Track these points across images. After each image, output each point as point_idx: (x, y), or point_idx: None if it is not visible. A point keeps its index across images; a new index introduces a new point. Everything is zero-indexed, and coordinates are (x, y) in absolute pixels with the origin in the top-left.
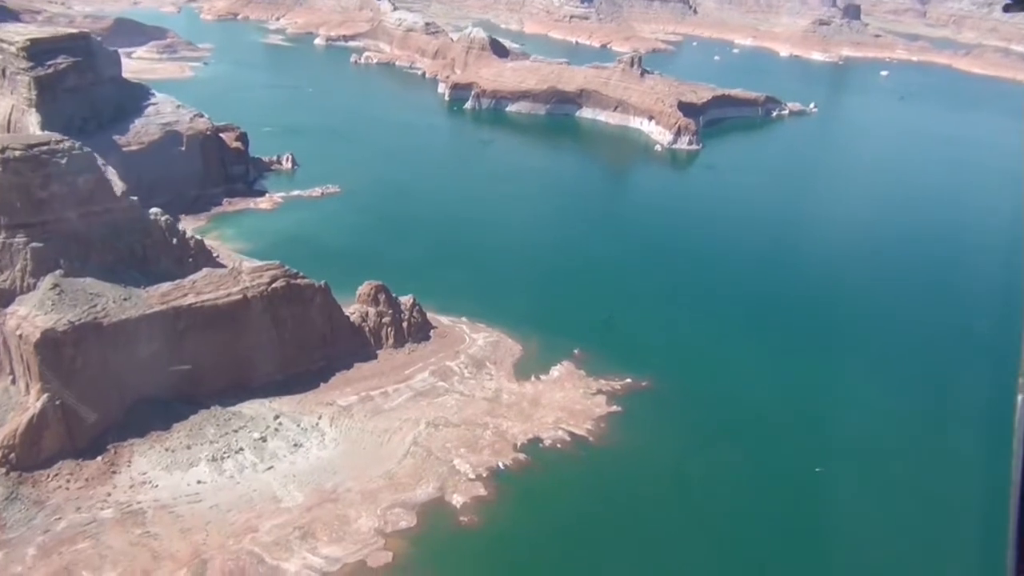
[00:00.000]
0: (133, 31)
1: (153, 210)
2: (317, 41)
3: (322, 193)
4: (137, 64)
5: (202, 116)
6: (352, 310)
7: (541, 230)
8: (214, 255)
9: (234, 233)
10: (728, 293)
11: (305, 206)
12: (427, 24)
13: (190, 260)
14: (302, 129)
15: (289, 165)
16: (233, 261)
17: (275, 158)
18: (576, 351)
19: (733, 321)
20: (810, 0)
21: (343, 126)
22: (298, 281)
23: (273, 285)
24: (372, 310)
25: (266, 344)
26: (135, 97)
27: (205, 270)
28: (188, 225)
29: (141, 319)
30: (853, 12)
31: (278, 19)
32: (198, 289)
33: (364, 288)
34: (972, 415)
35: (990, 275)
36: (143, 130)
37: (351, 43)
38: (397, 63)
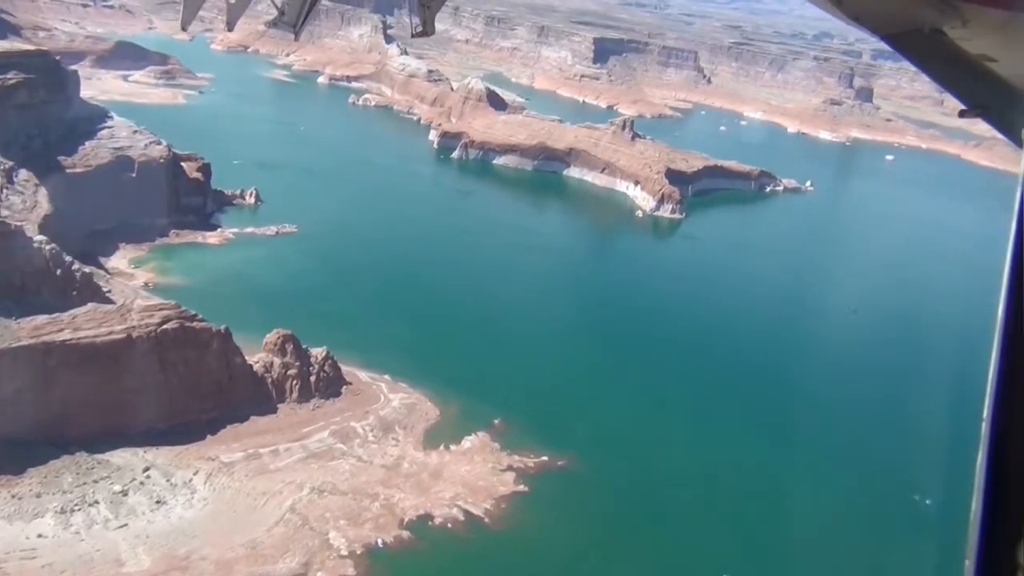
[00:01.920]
0: (134, 55)
1: (37, 238)
2: (320, 79)
3: (277, 232)
4: (131, 88)
5: (160, 143)
6: (256, 359)
7: (496, 288)
8: (105, 290)
9: (172, 266)
10: (681, 371)
11: (256, 244)
12: (430, 71)
13: (74, 293)
14: (278, 165)
15: (252, 200)
16: (126, 297)
17: (238, 192)
18: (497, 421)
19: (679, 401)
20: (827, 80)
21: (321, 166)
22: (193, 324)
23: (164, 326)
24: (278, 360)
25: (151, 389)
26: (91, 119)
27: (90, 305)
28: (127, 254)
29: (4, 352)
30: (865, 95)
31: (288, 55)
32: (77, 324)
33: (271, 337)
34: (929, 530)
35: (970, 375)
36: (92, 153)
37: (354, 84)
38: (395, 107)
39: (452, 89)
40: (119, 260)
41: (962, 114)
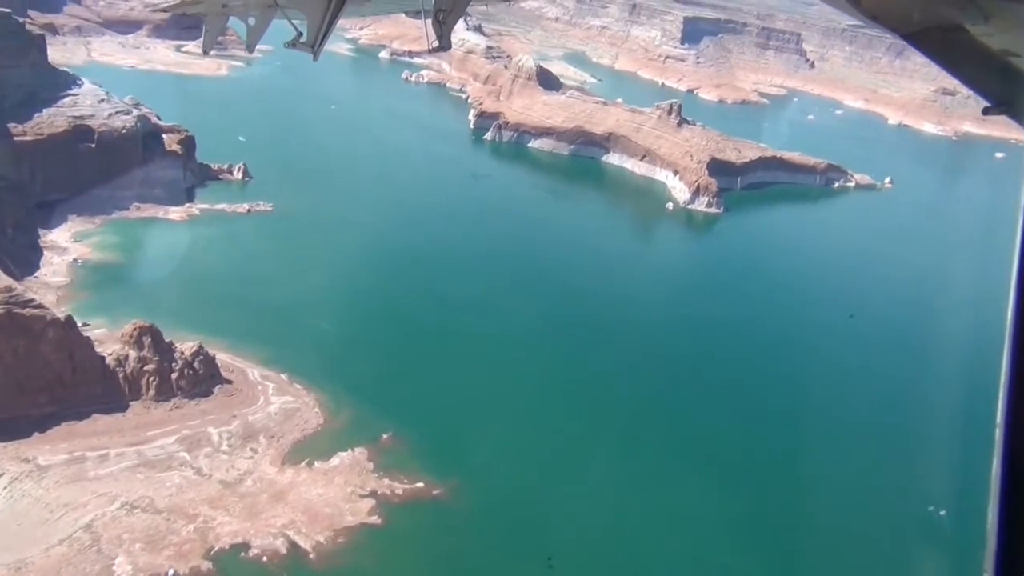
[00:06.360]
0: (192, 24)
1: None
2: (382, 54)
3: (249, 210)
4: (177, 57)
5: (128, 113)
6: (110, 352)
7: (463, 285)
8: None
9: (116, 242)
10: (639, 394)
11: (221, 222)
12: (489, 48)
13: None
14: (289, 142)
15: (240, 176)
16: None
17: (226, 167)
18: (386, 436)
19: (618, 430)
20: None
21: (335, 144)
22: (23, 311)
23: None
24: (133, 353)
25: None
26: (56, 85)
27: None
28: (74, 227)
29: None
30: None
31: (361, 28)
32: None
33: (128, 328)
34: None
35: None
36: (48, 121)
37: (416, 59)
38: (448, 84)
39: (506, 67)
40: (61, 233)
41: (986, 111)
